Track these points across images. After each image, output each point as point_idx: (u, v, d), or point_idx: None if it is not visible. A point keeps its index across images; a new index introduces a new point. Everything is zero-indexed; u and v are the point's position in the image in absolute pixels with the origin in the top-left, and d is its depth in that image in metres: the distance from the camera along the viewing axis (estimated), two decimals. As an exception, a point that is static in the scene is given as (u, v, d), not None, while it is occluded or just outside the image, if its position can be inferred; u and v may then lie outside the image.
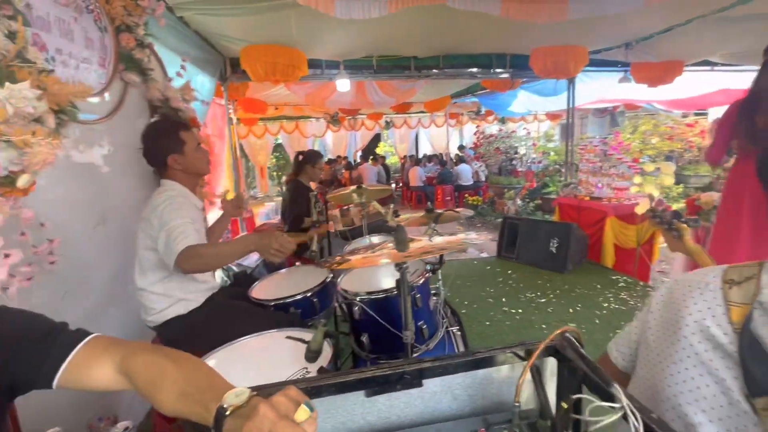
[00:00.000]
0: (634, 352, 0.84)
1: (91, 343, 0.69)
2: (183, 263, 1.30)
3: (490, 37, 4.04)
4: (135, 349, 0.68)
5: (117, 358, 0.67)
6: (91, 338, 0.71)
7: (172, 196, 1.46)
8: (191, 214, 1.47)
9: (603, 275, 3.86)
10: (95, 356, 0.68)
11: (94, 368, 0.67)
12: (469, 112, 10.85)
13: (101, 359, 0.67)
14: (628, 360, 0.86)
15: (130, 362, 0.65)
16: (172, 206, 1.42)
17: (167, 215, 1.39)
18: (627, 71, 4.82)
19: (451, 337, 1.58)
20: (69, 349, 0.67)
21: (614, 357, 0.88)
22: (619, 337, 0.89)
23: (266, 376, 1.14)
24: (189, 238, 1.33)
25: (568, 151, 5.54)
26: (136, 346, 0.69)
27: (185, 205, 1.48)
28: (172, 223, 1.37)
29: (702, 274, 0.75)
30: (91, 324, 1.63)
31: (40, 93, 1.12)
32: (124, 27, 1.90)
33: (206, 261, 1.33)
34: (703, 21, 3.40)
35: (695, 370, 0.67)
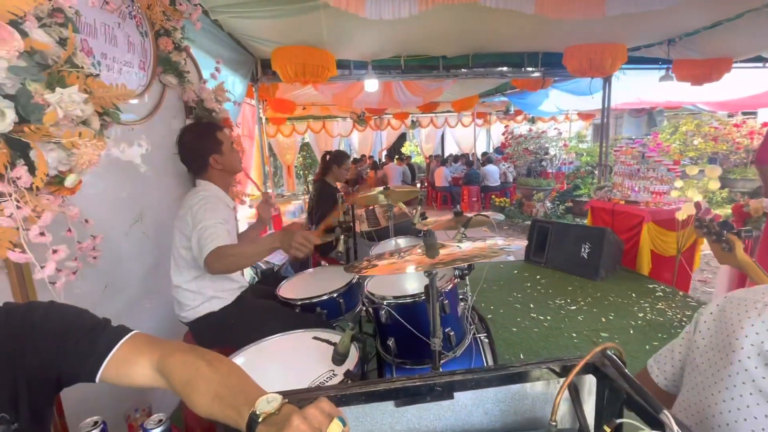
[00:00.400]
0: (678, 371, 0.79)
1: (131, 341, 0.72)
2: (212, 263, 1.34)
3: (522, 35, 3.93)
4: (172, 349, 0.69)
5: (155, 357, 0.69)
6: (131, 335, 0.73)
7: (206, 197, 1.51)
8: (224, 214, 1.51)
9: (638, 283, 3.68)
10: (135, 354, 0.70)
11: (133, 365, 0.70)
12: (498, 112, 10.64)
13: (140, 357, 0.70)
14: (671, 380, 0.81)
15: (167, 361, 0.67)
16: (206, 206, 1.46)
17: (201, 215, 1.44)
18: (669, 69, 4.58)
19: (478, 344, 1.55)
20: (112, 345, 0.70)
21: (655, 375, 0.83)
22: (660, 355, 0.84)
23: (293, 376, 1.15)
24: (219, 238, 1.37)
25: (602, 152, 5.33)
26: (173, 345, 0.71)
27: (218, 205, 1.52)
28: (205, 222, 1.41)
29: (760, 293, 0.69)
30: (128, 316, 1.72)
31: (86, 96, 1.17)
32: (163, 31, 1.97)
33: (234, 261, 1.36)
34: (755, 14, 3.17)
35: (751, 398, 0.62)
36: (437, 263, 0.94)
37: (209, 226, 1.40)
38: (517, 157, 8.72)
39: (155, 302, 1.90)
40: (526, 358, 2.52)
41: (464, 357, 1.46)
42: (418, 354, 1.40)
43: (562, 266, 4.11)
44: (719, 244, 1.22)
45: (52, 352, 0.67)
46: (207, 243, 1.35)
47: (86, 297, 1.49)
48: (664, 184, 4.04)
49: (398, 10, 2.55)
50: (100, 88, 1.31)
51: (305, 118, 9.78)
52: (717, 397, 0.67)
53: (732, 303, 0.71)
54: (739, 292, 0.73)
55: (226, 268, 1.38)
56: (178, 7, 2.01)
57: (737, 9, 3.19)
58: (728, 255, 1.19)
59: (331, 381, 1.10)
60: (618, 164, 4.58)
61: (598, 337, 2.72)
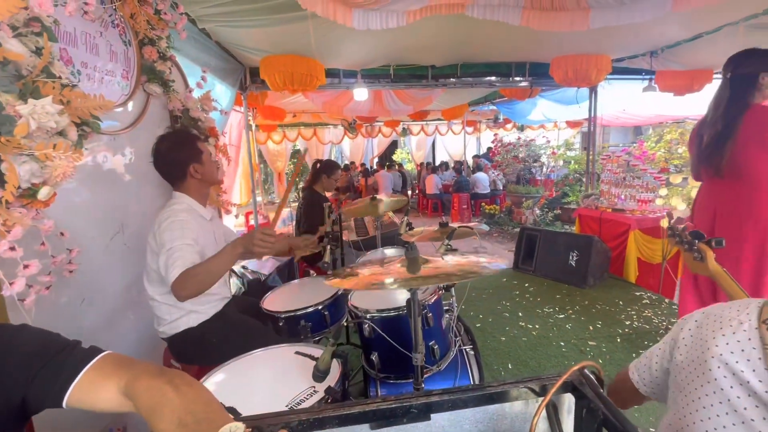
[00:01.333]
0: (655, 380, 0.80)
1: (100, 363, 0.69)
2: (179, 291, 1.28)
3: (510, 46, 3.99)
4: (140, 372, 0.67)
5: (122, 381, 0.66)
6: (100, 357, 0.71)
7: (176, 212, 1.45)
8: (194, 231, 1.44)
9: (626, 291, 3.71)
10: (103, 377, 0.68)
11: (100, 390, 0.67)
12: (487, 120, 10.76)
13: (108, 381, 0.67)
14: (649, 386, 0.81)
15: (133, 386, 0.65)
16: (172, 226, 1.40)
17: (167, 235, 1.38)
18: (652, 79, 4.68)
19: (464, 356, 1.53)
20: (79, 368, 0.68)
21: (635, 381, 0.83)
22: (640, 362, 0.84)
23: (274, 394, 1.12)
24: (186, 261, 1.32)
25: (589, 161, 5.40)
26: (142, 368, 0.69)
27: (188, 222, 1.45)
28: (171, 245, 1.35)
29: (735, 310, 0.69)
30: (108, 330, 1.67)
31: (62, 108, 1.15)
32: (147, 40, 1.95)
33: (200, 280, 1.30)
34: (733, 28, 3.27)
35: (727, 418, 0.62)
36: (415, 279, 0.93)
37: (175, 249, 1.35)
38: (506, 165, 8.80)
39: (138, 313, 1.86)
40: (514, 368, 2.51)
41: (449, 370, 1.45)
42: (401, 368, 1.38)
43: (551, 274, 4.14)
44: (691, 254, 1.22)
45: (16, 377, 0.65)
46: (173, 268, 1.30)
47: (63, 311, 1.45)
48: (650, 192, 4.10)
49: (386, 21, 2.56)
50: (77, 99, 1.28)
51: (296, 125, 9.77)
52: (695, 416, 0.66)
53: (709, 319, 0.71)
54: (716, 308, 0.73)
55: (195, 290, 1.30)
56: (162, 17, 1.99)
57: (715, 23, 3.28)
58: (700, 264, 1.19)
59: (311, 398, 1.08)
60: (605, 172, 4.64)
61: (586, 346, 2.72)
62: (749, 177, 1.81)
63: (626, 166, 4.41)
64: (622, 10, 2.62)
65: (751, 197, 1.82)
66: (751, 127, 1.76)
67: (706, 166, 1.91)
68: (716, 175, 1.87)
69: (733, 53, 1.88)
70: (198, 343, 1.50)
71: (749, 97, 1.79)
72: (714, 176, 1.89)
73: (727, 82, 1.85)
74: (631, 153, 4.60)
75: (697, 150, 1.96)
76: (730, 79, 1.85)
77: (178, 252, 1.34)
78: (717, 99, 1.89)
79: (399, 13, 2.58)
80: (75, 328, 1.50)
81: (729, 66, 1.87)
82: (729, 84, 1.85)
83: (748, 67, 1.79)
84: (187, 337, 1.50)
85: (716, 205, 1.94)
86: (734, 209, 1.87)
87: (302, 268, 2.96)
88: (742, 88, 1.81)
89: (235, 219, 2.51)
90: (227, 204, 2.57)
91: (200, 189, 1.61)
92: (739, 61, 1.83)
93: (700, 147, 1.94)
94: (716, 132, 1.83)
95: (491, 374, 2.43)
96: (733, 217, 1.87)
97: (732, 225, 1.86)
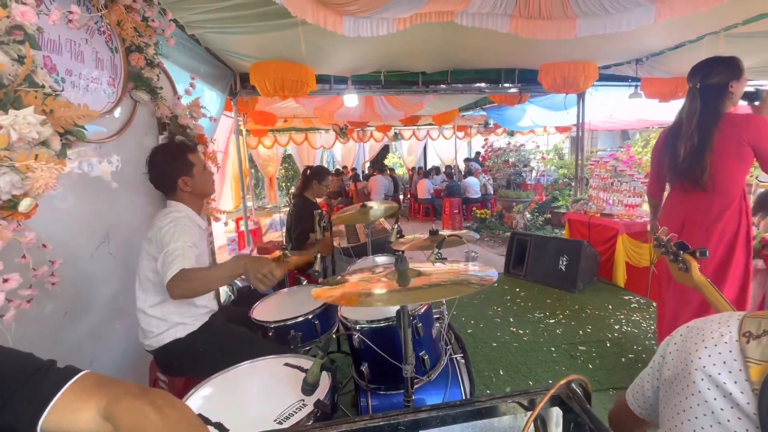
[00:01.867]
0: (648, 400, 0.80)
1: (78, 384, 0.67)
2: (174, 286, 1.28)
3: (499, 53, 4.04)
4: (121, 393, 0.65)
5: (102, 403, 0.64)
6: (78, 377, 0.68)
7: (177, 218, 1.46)
8: (195, 236, 1.46)
9: (614, 295, 3.76)
10: (82, 399, 0.65)
11: (79, 412, 0.65)
12: (478, 125, 10.84)
13: (87, 402, 0.65)
14: (643, 407, 0.81)
15: (114, 408, 0.63)
16: (176, 228, 1.41)
17: (169, 237, 1.39)
18: (637, 86, 4.78)
19: (454, 365, 1.53)
20: (56, 389, 0.65)
21: (630, 403, 0.83)
22: (635, 384, 0.85)
23: (262, 408, 1.11)
24: (185, 261, 1.32)
25: (577, 166, 5.47)
26: (123, 388, 0.67)
27: (189, 227, 1.47)
28: (173, 245, 1.36)
29: (716, 323, 0.70)
30: (94, 342, 1.64)
31: (44, 118, 1.13)
32: (134, 47, 1.93)
33: (196, 285, 1.30)
34: (714, 37, 3.35)
35: (711, 431, 0.63)
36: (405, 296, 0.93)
37: (177, 248, 1.35)
38: (497, 170, 8.88)
39: (125, 323, 1.82)
40: (505, 374, 2.52)
41: (439, 380, 1.44)
42: (392, 379, 1.37)
43: (541, 279, 4.17)
44: (676, 264, 1.23)
45: None
46: (171, 265, 1.30)
47: (45, 325, 1.42)
48: (637, 197, 4.17)
49: (376, 29, 2.58)
50: (61, 108, 1.26)
51: (287, 130, 9.75)
52: (681, 429, 0.67)
53: (692, 332, 0.72)
54: (699, 321, 0.74)
55: (188, 292, 1.31)
56: (150, 24, 1.97)
57: (698, 32, 3.37)
58: (685, 275, 1.21)
59: (300, 412, 1.06)
60: (593, 177, 4.71)
61: (576, 351, 2.74)
62: (723, 189, 1.80)
63: (614, 171, 4.48)
64: (608, 19, 2.67)
65: (721, 209, 1.81)
66: (726, 139, 1.75)
67: (684, 178, 1.89)
68: (696, 188, 1.85)
69: (697, 62, 1.86)
70: (185, 355, 1.48)
71: (721, 107, 1.78)
72: (693, 189, 1.87)
73: (697, 92, 1.82)
74: (619, 158, 4.67)
75: (672, 161, 1.92)
76: (700, 90, 1.82)
77: (180, 251, 1.34)
78: (689, 110, 1.85)
79: (389, 20, 2.59)
80: (57, 341, 1.47)
81: (696, 76, 1.84)
82: (699, 94, 1.82)
83: (718, 76, 1.78)
84: (174, 348, 1.48)
85: (686, 214, 1.92)
86: (703, 220, 1.85)
87: (292, 276, 2.94)
88: (713, 97, 1.79)
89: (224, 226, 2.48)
90: (216, 211, 2.54)
91: (193, 200, 1.61)
92: (706, 71, 1.81)
93: (674, 158, 1.90)
94: (693, 145, 1.80)
95: (483, 381, 2.43)
96: (700, 229, 1.86)
97: (698, 236, 1.85)
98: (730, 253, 1.83)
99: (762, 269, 2.45)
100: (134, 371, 1.84)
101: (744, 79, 1.80)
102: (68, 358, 1.51)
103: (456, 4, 2.51)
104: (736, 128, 1.73)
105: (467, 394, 1.49)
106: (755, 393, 0.59)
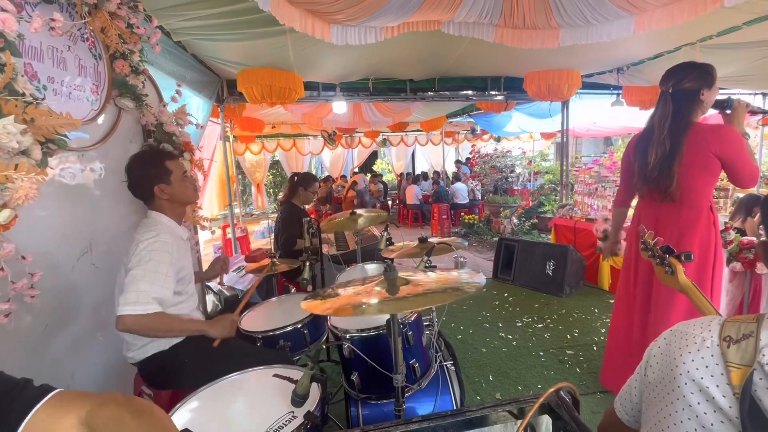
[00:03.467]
0: (636, 407, 0.81)
1: (55, 400, 0.65)
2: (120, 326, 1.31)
3: (485, 61, 4.10)
4: (102, 402, 0.64)
5: (83, 412, 0.63)
6: (54, 394, 0.66)
7: (156, 237, 1.42)
8: (172, 256, 1.43)
9: (600, 299, 3.82)
10: (59, 414, 0.63)
11: (59, 424, 0.63)
12: (465, 132, 10.98)
13: (67, 414, 0.63)
14: (631, 414, 0.82)
15: (94, 415, 0.61)
16: (152, 253, 1.37)
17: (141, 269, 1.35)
18: (619, 94, 4.91)
19: (445, 372, 1.53)
20: (30, 405, 0.63)
21: (619, 412, 0.84)
22: (623, 391, 0.85)
23: (251, 421, 1.09)
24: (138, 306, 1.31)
25: (562, 172, 5.58)
26: (105, 397, 0.65)
27: (168, 250, 1.43)
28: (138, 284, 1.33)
29: (699, 327, 0.72)
30: (75, 355, 1.59)
31: (24, 127, 1.10)
32: (119, 54, 1.90)
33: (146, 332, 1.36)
34: (691, 48, 3.48)
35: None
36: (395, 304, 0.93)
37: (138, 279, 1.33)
38: (485, 176, 8.99)
39: (107, 336, 1.77)
40: (495, 379, 2.53)
41: (430, 387, 1.44)
42: (382, 388, 1.37)
43: (529, 283, 4.22)
44: (663, 267, 1.27)
45: None
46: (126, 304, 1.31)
47: (23, 339, 1.37)
48: (620, 203, 4.25)
49: (364, 37, 2.60)
50: (42, 116, 1.23)
51: (275, 136, 9.69)
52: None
53: (676, 336, 0.74)
54: (682, 326, 0.76)
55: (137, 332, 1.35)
56: (135, 31, 1.95)
57: (675, 43, 3.49)
58: (671, 278, 1.24)
59: (290, 424, 1.05)
60: (578, 183, 4.80)
61: (564, 355, 2.77)
62: (690, 201, 1.79)
63: (598, 177, 4.58)
64: (590, 30, 2.75)
65: (689, 221, 1.81)
66: (694, 148, 1.72)
67: (653, 188, 1.86)
68: (665, 198, 1.83)
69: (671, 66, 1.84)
70: (170, 367, 1.45)
71: (692, 114, 1.77)
72: (662, 200, 1.85)
73: (669, 96, 1.79)
74: (603, 164, 4.78)
75: (641, 169, 1.89)
76: (672, 94, 1.79)
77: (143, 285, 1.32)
78: (661, 115, 1.82)
79: (377, 29, 2.62)
80: (36, 355, 1.42)
81: (669, 80, 1.81)
82: (672, 99, 1.79)
83: (690, 82, 1.75)
84: (159, 361, 1.44)
85: (655, 224, 1.88)
86: (672, 231, 1.84)
87: (281, 284, 2.91)
88: (684, 103, 1.76)
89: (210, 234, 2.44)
90: (201, 219, 2.50)
91: (173, 209, 1.57)
92: (680, 76, 1.78)
93: (644, 166, 1.87)
94: (664, 152, 1.78)
95: (472, 387, 2.44)
96: (670, 240, 1.80)
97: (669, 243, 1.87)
98: (704, 264, 1.82)
99: (740, 272, 2.52)
100: (118, 385, 1.79)
101: (715, 88, 1.80)
102: (48, 372, 1.47)
103: (443, 14, 2.55)
104: (705, 140, 1.71)
105: (457, 401, 1.49)
106: (736, 397, 0.60)
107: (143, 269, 1.34)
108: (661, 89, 1.85)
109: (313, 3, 2.24)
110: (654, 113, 1.88)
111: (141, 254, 1.36)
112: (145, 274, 1.34)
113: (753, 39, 3.20)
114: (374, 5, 2.32)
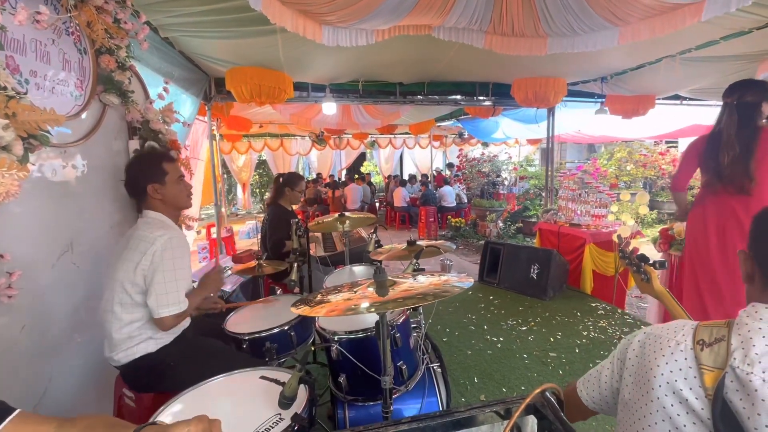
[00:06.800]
0: (603, 397, 0.83)
1: (17, 420, 0.63)
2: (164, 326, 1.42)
3: (474, 66, 4.16)
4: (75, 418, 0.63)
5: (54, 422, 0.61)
6: (15, 415, 0.64)
7: (172, 239, 1.43)
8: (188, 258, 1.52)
9: (582, 302, 3.90)
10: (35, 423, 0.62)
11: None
12: (453, 135, 11.08)
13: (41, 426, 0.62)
14: (598, 403, 0.85)
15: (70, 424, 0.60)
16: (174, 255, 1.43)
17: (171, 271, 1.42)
18: (603, 103, 5.04)
19: (431, 374, 1.55)
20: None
21: (583, 398, 0.86)
22: (588, 380, 0.87)
23: (237, 423, 1.08)
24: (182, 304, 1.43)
25: (547, 177, 5.68)
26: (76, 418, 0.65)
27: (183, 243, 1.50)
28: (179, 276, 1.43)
29: (673, 331, 0.74)
30: (53, 356, 1.55)
31: (6, 122, 1.07)
32: (105, 49, 1.87)
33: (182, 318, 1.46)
34: (671, 60, 3.60)
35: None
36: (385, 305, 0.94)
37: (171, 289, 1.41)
38: (472, 179, 9.09)
39: (86, 337, 1.73)
40: (480, 381, 2.56)
41: (417, 389, 1.45)
42: (370, 390, 1.37)
43: (514, 286, 4.28)
44: (639, 275, 1.31)
45: None
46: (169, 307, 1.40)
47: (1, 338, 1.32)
48: (603, 208, 4.37)
49: (355, 39, 2.60)
50: (25, 111, 1.20)
51: (262, 136, 9.60)
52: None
53: (650, 339, 0.76)
54: (656, 329, 0.79)
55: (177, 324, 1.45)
56: (122, 26, 1.91)
57: (656, 55, 3.61)
58: (647, 285, 1.28)
59: (277, 426, 1.04)
60: (562, 189, 4.90)
61: (547, 357, 2.83)
62: (761, 192, 2.02)
63: (581, 183, 4.68)
64: (576, 39, 2.82)
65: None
66: (763, 148, 2.00)
67: (728, 183, 2.09)
68: (740, 192, 2.06)
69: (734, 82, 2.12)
70: (156, 369, 1.42)
71: (756, 121, 2.03)
72: (737, 194, 2.08)
73: (734, 108, 2.06)
74: (586, 170, 4.89)
75: (715, 168, 2.13)
76: (736, 106, 2.06)
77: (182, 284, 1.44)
78: (728, 122, 2.08)
79: (368, 31, 2.63)
80: (13, 357, 1.37)
81: (734, 93, 2.08)
82: (736, 109, 2.06)
83: (752, 96, 2.03)
84: (145, 363, 1.42)
85: (726, 219, 2.13)
86: (743, 222, 2.07)
87: (267, 286, 2.88)
88: (748, 114, 2.03)
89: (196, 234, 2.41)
90: (188, 219, 2.47)
91: (166, 210, 1.56)
92: (743, 90, 2.06)
93: (717, 165, 2.10)
94: (735, 154, 2.03)
95: (458, 389, 2.46)
96: (742, 232, 2.07)
97: (739, 239, 2.06)
98: None
99: None
100: (97, 388, 1.74)
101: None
102: (24, 373, 1.42)
103: (433, 19, 2.58)
104: None
105: (443, 403, 1.50)
106: (709, 399, 0.63)
107: (173, 268, 1.41)
108: (726, 101, 2.11)
109: (305, 3, 2.24)
110: (720, 120, 2.14)
111: (164, 254, 1.40)
112: (176, 272, 1.42)
113: (729, 53, 3.34)
114: (366, 8, 2.33)
